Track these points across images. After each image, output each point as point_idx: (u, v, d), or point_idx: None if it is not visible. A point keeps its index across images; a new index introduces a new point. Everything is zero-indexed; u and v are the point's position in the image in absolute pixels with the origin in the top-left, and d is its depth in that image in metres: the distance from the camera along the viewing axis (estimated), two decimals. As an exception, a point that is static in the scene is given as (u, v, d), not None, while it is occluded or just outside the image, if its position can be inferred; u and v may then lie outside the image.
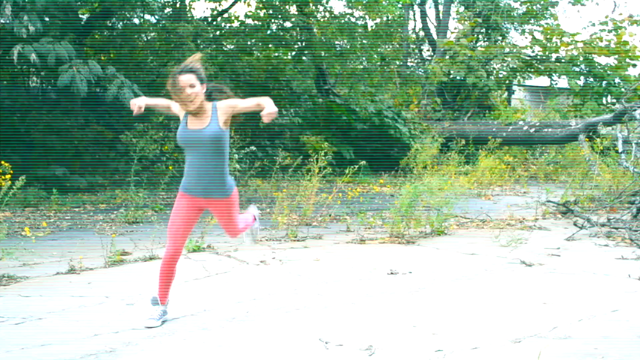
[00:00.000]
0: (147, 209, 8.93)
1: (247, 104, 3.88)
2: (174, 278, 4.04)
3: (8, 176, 6.38)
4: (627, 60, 17.14)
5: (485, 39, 19.26)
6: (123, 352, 3.51)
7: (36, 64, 8.50)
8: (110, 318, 4.14)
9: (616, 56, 17.23)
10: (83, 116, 12.13)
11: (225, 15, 15.13)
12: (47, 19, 9.68)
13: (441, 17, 20.02)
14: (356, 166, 7.98)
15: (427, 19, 21.20)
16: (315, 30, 15.10)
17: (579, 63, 17.62)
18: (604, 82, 17.08)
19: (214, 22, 14.75)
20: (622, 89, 16.36)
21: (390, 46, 18.46)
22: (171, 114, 4.10)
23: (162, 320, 3.97)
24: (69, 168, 11.18)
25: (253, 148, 9.37)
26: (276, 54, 15.58)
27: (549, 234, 7.48)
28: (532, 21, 20.00)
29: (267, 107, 3.71)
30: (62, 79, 8.59)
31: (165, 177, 9.19)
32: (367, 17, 16.38)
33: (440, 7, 20.37)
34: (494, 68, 18.52)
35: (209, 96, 3.94)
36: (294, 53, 15.48)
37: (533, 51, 18.65)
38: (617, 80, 17.05)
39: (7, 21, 8.33)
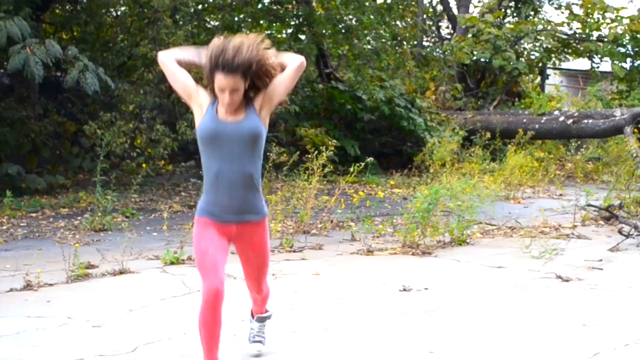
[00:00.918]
0: (116, 214, 8.94)
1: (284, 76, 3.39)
2: (221, 329, 3.44)
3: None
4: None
5: (515, 15, 19.29)
6: (88, 383, 3.52)
7: (-17, 43, 8.49)
8: (73, 342, 4.14)
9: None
10: (41, 105, 12.12)
11: (209, -14, 15.15)
12: (-2, -10, 9.68)
13: (463, -11, 20.04)
14: (362, 164, 7.97)
15: (446, -10, 21.25)
16: (315, 3, 15.11)
17: (625, 43, 17.62)
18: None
19: (196, -5, 14.76)
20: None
21: (404, 23, 18.46)
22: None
23: None
24: (25, 166, 11.18)
25: None
26: (269, 32, 15.58)
27: (589, 244, 7.48)
28: (569, -7, 20.04)
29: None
30: (12, 62, 8.57)
31: (138, 177, 9.19)
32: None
33: (462, -23, 20.41)
34: (524, 48, 18.54)
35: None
36: (290, 31, 15.49)
37: (571, 29, 18.67)
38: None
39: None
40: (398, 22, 17.52)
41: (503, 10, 18.95)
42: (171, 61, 3.46)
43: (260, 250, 3.55)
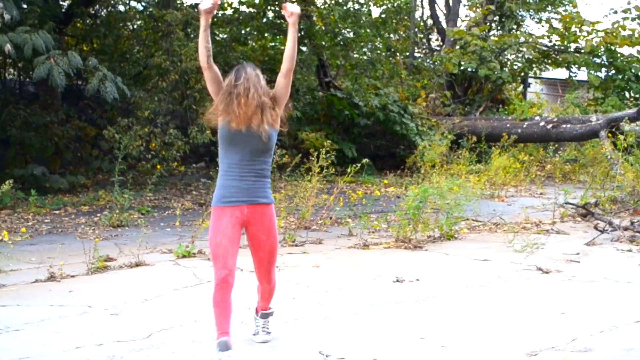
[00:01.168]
0: (133, 212, 8.94)
1: (286, 59, 3.68)
2: (231, 310, 3.58)
3: (-18, 175, 6.36)
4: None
5: (499, 28, 19.26)
6: (107, 366, 3.51)
7: (12, 55, 8.48)
8: (93, 329, 4.14)
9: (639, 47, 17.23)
10: (64, 111, 12.13)
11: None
12: (24, 6, 9.68)
13: (451, 4, 20.02)
14: (359, 165, 7.97)
15: (435, 5, 21.22)
16: (315, 18, 15.11)
17: (600, 54, 17.62)
18: (629, 74, 17.06)
19: (206, 10, 14.73)
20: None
21: (397, 36, 18.46)
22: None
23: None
24: (49, 167, 11.18)
25: None
26: (273, 44, 15.57)
27: (567, 239, 7.48)
28: (549, 8, 20.02)
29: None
30: (38, 71, 8.56)
31: (153, 177, 9.19)
32: (371, 3, 16.39)
33: (450, -7, 20.39)
34: (508, 59, 18.52)
35: None
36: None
37: (550, 41, 18.66)
38: (639, 73, 17.04)
39: (-19, 9, 8.31)
40: (392, 35, 17.51)
41: (488, 24, 18.93)
42: (210, 64, 3.71)
43: (270, 233, 3.64)
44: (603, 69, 17.84)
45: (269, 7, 14.71)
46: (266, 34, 14.94)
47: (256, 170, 3.57)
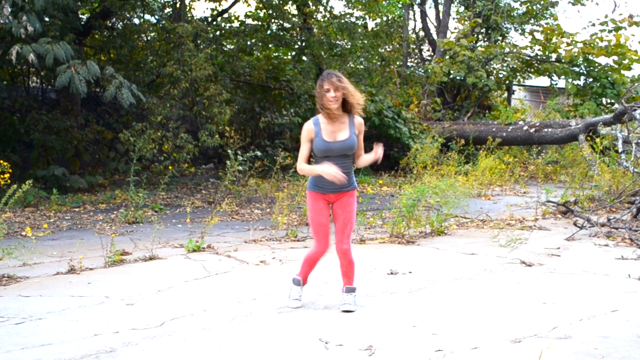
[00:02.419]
0: (147, 209, 8.94)
1: (359, 145, 4.41)
2: (314, 267, 4.44)
3: (7, 175, 6.36)
4: (625, 62, 17.13)
5: (485, 39, 19.27)
6: (123, 352, 3.51)
7: (35, 64, 8.49)
8: (110, 318, 4.14)
9: (615, 57, 17.22)
10: (83, 116, 12.13)
11: (225, 15, 15.13)
12: (46, 19, 9.68)
13: (441, 17, 20.02)
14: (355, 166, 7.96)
15: (427, 18, 21.22)
16: (315, 30, 15.10)
17: (578, 63, 17.62)
18: (605, 82, 17.05)
19: (214, 22, 14.74)
20: (621, 89, 16.35)
21: (391, 46, 18.44)
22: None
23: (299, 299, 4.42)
24: (69, 168, 11.18)
25: (258, 153, 9.40)
26: (276, 54, 15.57)
27: (548, 234, 7.48)
28: (532, 21, 20.01)
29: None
30: (60, 79, 8.57)
31: (165, 177, 9.20)
32: (367, 17, 16.37)
33: (440, 7, 20.37)
34: (494, 68, 18.53)
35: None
36: (293, 53, 15.48)
37: (533, 51, 18.66)
38: (614, 80, 17.03)
39: (6, 21, 8.31)
40: (387, 46, 17.50)
41: (475, 35, 18.93)
42: (306, 166, 4.28)
43: (347, 209, 4.28)
44: (582, 77, 17.84)
45: (272, 20, 14.71)
46: (270, 45, 14.93)
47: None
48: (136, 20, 13.23)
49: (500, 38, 19.25)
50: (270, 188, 10.26)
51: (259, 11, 15.05)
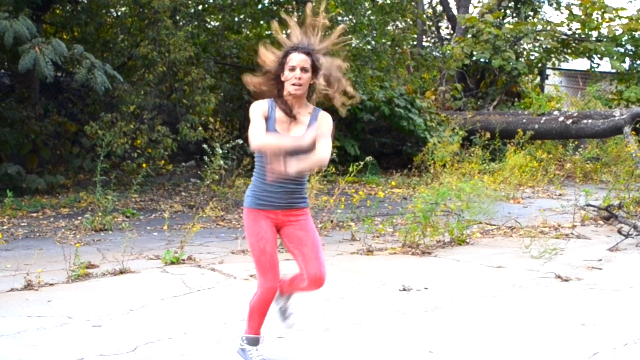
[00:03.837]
0: (117, 214, 8.94)
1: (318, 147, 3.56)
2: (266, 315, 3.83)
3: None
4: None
5: (514, 15, 19.29)
6: (89, 382, 3.52)
7: (-10, 43, 8.45)
8: (74, 342, 4.14)
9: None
10: (41, 105, 12.13)
11: (209, -14, 15.15)
12: (-2, -10, 9.68)
13: (462, -11, 20.04)
14: (361, 163, 7.96)
15: (445, -10, 21.25)
16: (313, 3, 15.11)
17: (623, 43, 17.63)
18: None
19: (196, -5, 14.76)
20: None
21: (403, 23, 18.45)
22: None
23: None
24: (25, 166, 11.18)
25: (240, 141, 9.33)
26: (268, 32, 15.58)
27: (588, 244, 7.49)
28: (569, -7, 20.04)
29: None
30: (23, 62, 8.47)
31: (138, 177, 9.20)
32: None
33: (462, -23, 20.41)
34: (524, 49, 18.55)
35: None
36: (289, 31, 15.49)
37: (570, 29, 18.68)
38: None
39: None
40: (398, 23, 17.51)
41: (502, 10, 18.96)
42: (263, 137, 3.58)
43: (307, 229, 3.72)
44: (627, 59, 17.86)
45: (264, -7, 14.71)
46: (261, 22, 14.93)
47: None
48: (104, -7, 13.23)
49: (531, 13, 19.27)
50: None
51: (248, -18, 15.06)
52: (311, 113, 3.70)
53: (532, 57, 18.93)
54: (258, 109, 3.65)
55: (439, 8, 22.12)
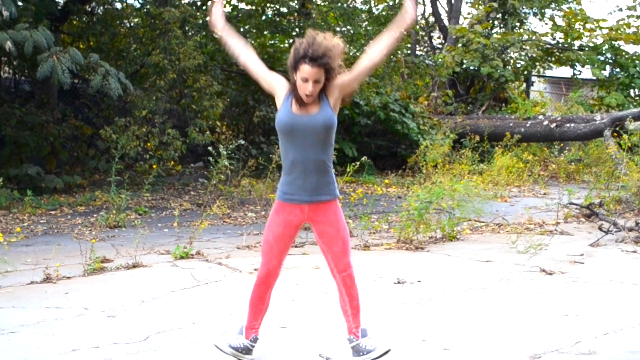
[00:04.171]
0: (130, 212, 8.94)
1: (360, 68, 3.46)
2: (266, 307, 3.63)
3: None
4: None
5: (502, 26, 19.27)
6: (104, 369, 3.52)
7: (12, 52, 8.44)
8: (90, 332, 4.14)
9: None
10: (60, 110, 12.13)
11: (216, -1, 15.13)
12: (19, 3, 9.68)
13: (453, 1, 20.02)
14: (358, 163, 7.95)
15: (437, 3, 21.23)
16: (314, 15, 15.11)
17: (604, 51, 17.62)
18: (633, 71, 17.08)
19: (203, 7, 14.75)
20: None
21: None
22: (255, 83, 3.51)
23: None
24: (44, 167, 11.18)
25: (241, 141, 9.33)
26: (272, 42, 15.58)
27: (571, 240, 7.48)
28: (552, 5, 20.02)
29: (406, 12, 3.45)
30: (41, 70, 8.51)
31: (150, 177, 9.20)
32: (372, 2, 16.40)
33: (452, -10, 20.39)
34: (511, 57, 18.53)
35: None
36: (291, 41, 15.51)
37: (554, 38, 18.67)
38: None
39: (-22, 6, 8.31)
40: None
41: (491, 21, 18.94)
42: (242, 63, 3.54)
43: (338, 226, 3.50)
44: (607, 66, 17.85)
45: (268, 5, 14.72)
46: (265, 32, 14.94)
47: None
48: (118, 5, 13.25)
49: (518, 24, 19.25)
50: (265, 189, 10.25)
51: (253, -5, 15.06)
52: (320, 95, 3.41)
53: (519, 65, 18.93)
54: (275, 81, 3.51)
55: (432, 19, 22.11)
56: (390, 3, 16.95)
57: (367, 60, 3.51)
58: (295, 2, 15.24)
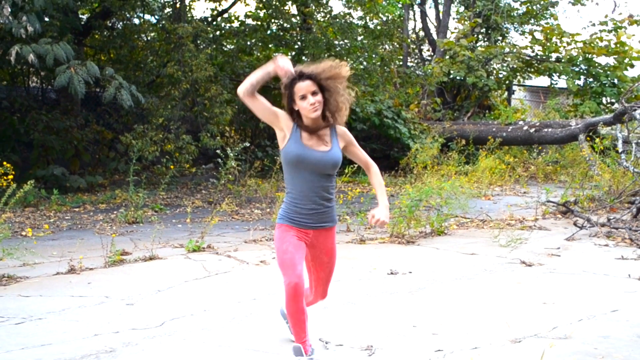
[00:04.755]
0: (147, 209, 8.94)
1: (359, 154, 3.47)
2: (307, 316, 3.28)
3: (10, 177, 6.38)
4: (626, 60, 17.14)
5: (485, 39, 19.26)
6: (123, 352, 3.51)
7: (35, 64, 8.48)
8: (110, 318, 4.14)
9: (615, 56, 17.23)
10: (83, 116, 12.13)
11: (225, 15, 15.14)
12: (46, 19, 9.68)
13: (441, 17, 20.01)
14: (355, 166, 7.96)
15: (427, 18, 21.22)
16: (314, 30, 15.11)
17: (578, 63, 17.62)
18: (604, 82, 17.07)
19: (214, 22, 14.76)
20: (620, 89, 16.36)
21: (390, 46, 18.43)
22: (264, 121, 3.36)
23: None
24: (69, 168, 11.19)
25: (247, 144, 9.33)
26: (276, 54, 15.58)
27: (548, 234, 7.48)
28: (532, 21, 20.02)
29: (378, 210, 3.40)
30: (59, 80, 8.59)
31: (166, 177, 9.20)
32: (367, 17, 16.40)
33: (440, 7, 20.37)
34: (494, 68, 18.52)
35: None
36: (293, 53, 15.50)
37: (533, 51, 18.66)
38: (615, 80, 17.05)
39: (6, 22, 8.31)
40: (387, 46, 17.51)
41: (475, 35, 18.93)
42: (250, 95, 3.25)
43: (332, 255, 3.47)
44: (582, 77, 17.85)
45: (272, 20, 14.72)
46: (270, 45, 14.94)
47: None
48: (136, 21, 13.24)
49: (500, 38, 19.25)
50: (270, 188, 10.26)
51: (258, 11, 15.06)
52: (329, 128, 3.33)
53: (501, 75, 18.92)
54: (280, 113, 3.28)
55: (422, 33, 22.11)
56: (384, 18, 16.92)
57: (364, 166, 3.55)
58: (297, 18, 15.24)
